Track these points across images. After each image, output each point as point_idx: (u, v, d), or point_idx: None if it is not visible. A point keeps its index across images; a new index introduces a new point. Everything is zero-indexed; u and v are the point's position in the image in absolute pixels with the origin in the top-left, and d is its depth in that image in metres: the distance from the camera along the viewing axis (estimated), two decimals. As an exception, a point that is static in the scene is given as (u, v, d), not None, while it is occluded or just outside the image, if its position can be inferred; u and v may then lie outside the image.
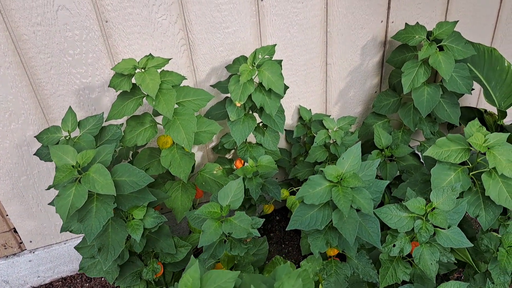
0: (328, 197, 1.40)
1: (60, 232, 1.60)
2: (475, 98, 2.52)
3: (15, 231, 2.16)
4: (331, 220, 1.43)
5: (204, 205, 1.39)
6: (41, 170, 2.01)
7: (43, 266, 2.29)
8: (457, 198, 1.47)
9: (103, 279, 2.31)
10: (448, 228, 1.46)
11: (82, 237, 2.25)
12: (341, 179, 1.40)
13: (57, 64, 1.78)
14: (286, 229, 1.46)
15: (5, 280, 2.27)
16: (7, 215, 2.10)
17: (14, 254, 2.23)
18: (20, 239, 2.19)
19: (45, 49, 1.74)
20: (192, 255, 1.14)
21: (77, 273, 2.36)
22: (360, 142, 1.46)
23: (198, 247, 1.35)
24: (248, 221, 1.34)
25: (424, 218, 1.48)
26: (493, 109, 2.29)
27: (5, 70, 1.73)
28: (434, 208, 1.47)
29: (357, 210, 1.44)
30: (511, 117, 2.58)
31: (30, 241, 2.21)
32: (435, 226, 1.48)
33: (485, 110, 2.31)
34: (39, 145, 1.91)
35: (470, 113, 2.31)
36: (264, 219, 1.42)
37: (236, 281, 1.01)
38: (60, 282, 2.34)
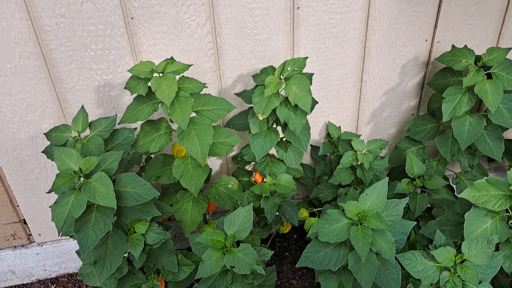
0: (346, 236, 1.26)
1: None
2: (524, 131, 2.30)
3: (25, 223, 2.13)
4: (347, 261, 1.29)
5: (207, 232, 1.28)
6: (54, 164, 1.96)
7: (50, 260, 2.25)
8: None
9: (107, 280, 2.25)
10: (479, 283, 1.29)
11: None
12: (362, 217, 1.26)
13: (78, 58, 1.72)
14: (296, 266, 1.33)
15: (11, 270, 2.24)
16: (18, 206, 2.07)
17: (23, 246, 2.20)
18: (29, 231, 2.16)
19: (67, 42, 1.68)
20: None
21: (82, 271, 2.32)
22: (387, 178, 1.31)
23: (195, 278, 1.24)
24: (253, 256, 1.22)
25: (452, 270, 1.32)
26: (544, 146, 2.08)
27: (25, 60, 1.69)
28: (464, 260, 1.30)
29: (377, 253, 1.29)
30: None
31: (39, 234, 2.17)
32: (463, 280, 1.31)
33: (534, 147, 2.10)
34: (54, 139, 1.87)
35: (517, 149, 2.11)
36: (272, 252, 1.30)
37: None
38: (66, 278, 2.29)
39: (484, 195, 1.40)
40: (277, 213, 1.86)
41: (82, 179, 1.36)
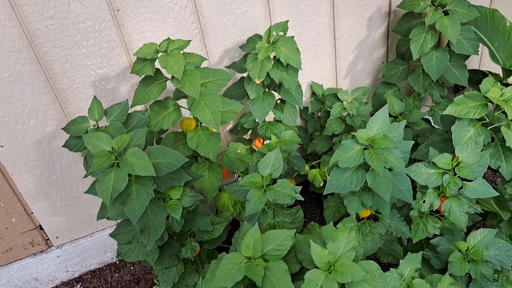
0: (361, 160, 1.45)
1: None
2: (477, 61, 2.58)
3: (41, 228, 2.18)
4: (365, 182, 1.48)
5: (246, 176, 1.43)
6: (62, 165, 2.03)
7: (71, 260, 2.31)
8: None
9: (132, 268, 2.35)
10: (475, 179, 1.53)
11: (110, 227, 2.29)
12: (372, 141, 1.46)
13: (72, 57, 1.78)
14: (323, 194, 1.52)
15: (34, 277, 2.29)
16: (32, 213, 2.11)
17: (42, 251, 2.25)
18: (47, 235, 2.21)
19: (59, 43, 1.74)
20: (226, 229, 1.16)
21: (105, 265, 2.39)
22: (387, 105, 1.51)
23: (245, 215, 1.40)
24: (291, 187, 1.39)
25: (450, 173, 1.55)
26: (498, 70, 2.35)
27: (21, 66, 1.73)
28: (459, 163, 1.54)
29: (389, 169, 1.50)
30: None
31: (57, 237, 2.23)
32: (462, 179, 1.55)
33: (490, 72, 2.37)
34: (59, 140, 1.93)
35: (475, 75, 2.37)
36: (301, 187, 1.47)
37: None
38: (89, 275, 2.36)
39: (464, 108, 1.63)
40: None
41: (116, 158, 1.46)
